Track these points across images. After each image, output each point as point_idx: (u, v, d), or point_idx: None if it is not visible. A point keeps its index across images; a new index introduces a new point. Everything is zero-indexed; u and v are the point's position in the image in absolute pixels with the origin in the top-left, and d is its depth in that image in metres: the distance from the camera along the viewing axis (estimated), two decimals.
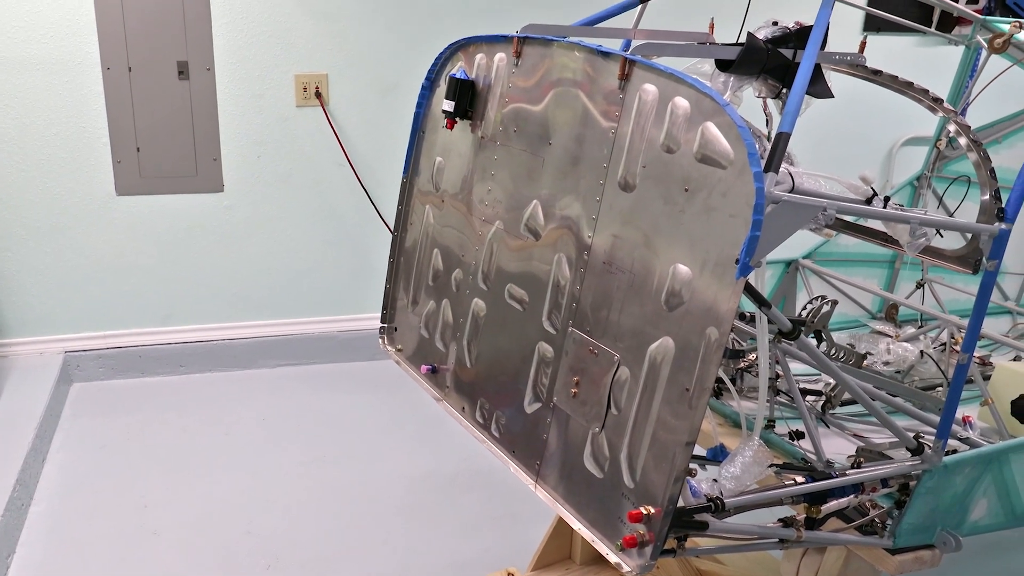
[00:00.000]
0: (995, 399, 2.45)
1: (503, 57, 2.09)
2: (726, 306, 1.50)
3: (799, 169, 1.76)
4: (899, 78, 2.11)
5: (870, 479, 1.91)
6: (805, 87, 1.62)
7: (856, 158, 4.93)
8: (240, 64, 4.01)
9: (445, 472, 3.50)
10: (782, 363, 2.04)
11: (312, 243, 4.36)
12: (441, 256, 2.31)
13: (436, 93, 2.33)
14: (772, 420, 2.34)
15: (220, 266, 4.26)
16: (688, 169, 1.59)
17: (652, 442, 1.62)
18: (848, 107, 3.37)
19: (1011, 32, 2.77)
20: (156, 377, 4.25)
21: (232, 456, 3.58)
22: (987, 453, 2.01)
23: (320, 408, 4.02)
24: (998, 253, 1.78)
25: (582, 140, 1.84)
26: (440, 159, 2.32)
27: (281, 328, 4.42)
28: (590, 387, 1.77)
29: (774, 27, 1.95)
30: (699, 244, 1.56)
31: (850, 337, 2.86)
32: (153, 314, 4.24)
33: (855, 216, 2.13)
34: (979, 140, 1.97)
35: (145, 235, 4.13)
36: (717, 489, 1.72)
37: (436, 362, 2.31)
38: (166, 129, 4.00)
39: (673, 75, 1.63)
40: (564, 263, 1.87)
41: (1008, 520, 2.14)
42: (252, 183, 4.19)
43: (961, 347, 1.88)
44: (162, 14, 3.85)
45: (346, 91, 4.19)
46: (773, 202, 1.50)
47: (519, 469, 1.96)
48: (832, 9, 1.74)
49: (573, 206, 1.85)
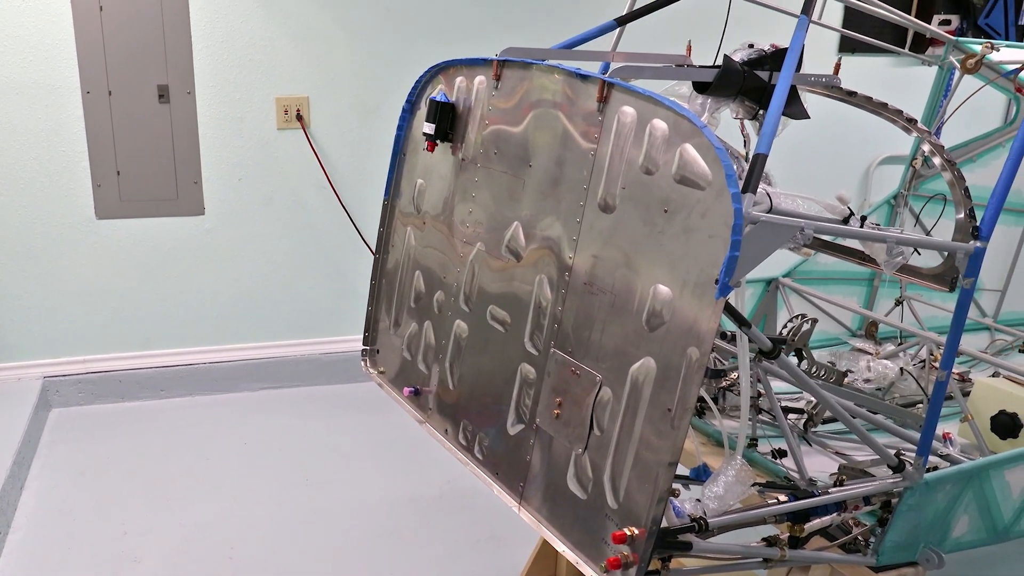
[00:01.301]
0: (975, 415, 2.47)
1: (483, 80, 2.10)
2: (706, 326, 1.50)
3: (777, 189, 1.77)
4: (873, 99, 2.14)
5: (852, 497, 1.92)
6: (781, 108, 1.65)
7: (834, 177, 4.98)
8: (221, 87, 4.02)
9: (429, 495, 3.48)
10: (764, 382, 2.05)
11: (294, 265, 4.34)
12: (423, 278, 2.31)
13: (417, 116, 2.34)
14: (755, 439, 2.34)
15: (201, 289, 4.24)
16: (667, 190, 1.60)
17: (635, 462, 1.62)
18: (825, 127, 3.41)
19: (982, 53, 2.82)
20: (136, 402, 4.22)
21: (213, 481, 3.55)
22: (967, 470, 2.03)
23: (302, 431, 3.99)
24: (974, 271, 1.80)
25: (562, 162, 1.85)
26: (421, 181, 2.32)
27: (263, 351, 4.39)
28: (573, 408, 1.77)
29: (750, 49, 1.98)
30: (679, 264, 1.57)
31: (831, 355, 2.88)
32: (133, 338, 4.21)
33: (833, 236, 2.15)
34: (953, 160, 2.00)
35: (125, 259, 4.10)
36: (700, 509, 1.72)
37: (418, 384, 2.30)
38: (146, 152, 3.99)
39: (651, 97, 1.64)
40: (545, 284, 1.87)
41: (990, 536, 2.15)
42: (233, 206, 4.18)
43: (939, 364, 1.90)
44: (142, 38, 3.85)
45: (327, 114, 4.19)
46: (751, 222, 1.52)
47: (502, 491, 1.96)
48: (807, 32, 1.76)
49: (554, 227, 1.86)
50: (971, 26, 4.95)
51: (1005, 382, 2.57)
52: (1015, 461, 2.08)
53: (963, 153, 3.33)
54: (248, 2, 3.95)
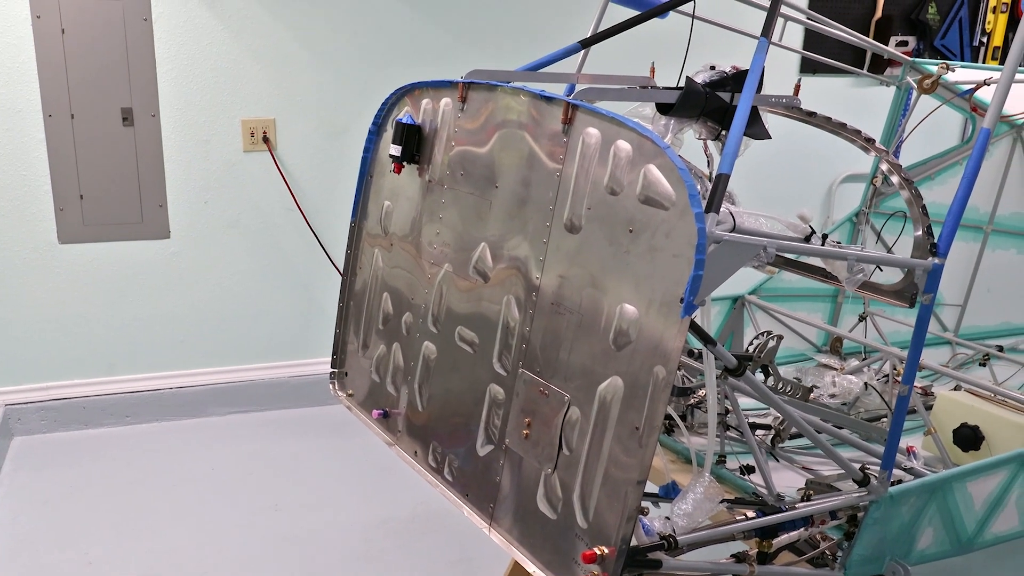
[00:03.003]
0: (938, 428, 2.51)
1: (449, 102, 2.11)
2: (672, 344, 1.52)
3: (740, 209, 1.80)
4: (833, 119, 2.18)
5: (819, 512, 1.94)
6: (743, 129, 1.67)
7: (797, 195, 5.05)
8: (186, 110, 4.00)
9: (400, 517, 3.46)
10: (731, 398, 2.07)
11: (261, 288, 4.31)
12: (391, 300, 2.30)
13: (383, 138, 2.34)
14: (723, 455, 2.36)
15: (167, 313, 4.19)
16: (632, 210, 1.62)
17: (604, 481, 1.63)
18: (789, 146, 3.47)
19: (939, 73, 2.90)
20: (101, 429, 4.15)
21: (181, 508, 3.50)
22: (931, 482, 2.06)
23: (272, 456, 3.95)
24: (933, 287, 1.84)
25: (528, 183, 1.86)
26: (388, 203, 2.32)
27: (230, 375, 4.35)
28: (541, 428, 1.77)
29: (712, 71, 2.01)
30: (644, 284, 1.58)
31: (796, 371, 2.91)
32: (98, 364, 4.15)
33: (795, 254, 2.19)
34: (910, 178, 2.04)
35: (89, 283, 4.05)
36: (670, 527, 1.73)
37: (388, 406, 2.30)
38: (110, 176, 3.95)
39: (615, 119, 1.66)
40: (513, 304, 1.88)
41: (954, 547, 2.18)
42: (199, 229, 4.15)
43: (902, 379, 1.93)
44: (105, 60, 3.82)
45: (294, 136, 4.19)
46: (715, 242, 1.54)
47: (473, 512, 1.95)
48: (767, 54, 1.80)
49: (521, 248, 1.87)
50: (928, 47, 5.07)
51: (967, 395, 2.61)
52: (977, 473, 2.11)
53: (922, 171, 3.40)
54: (213, 24, 3.94)
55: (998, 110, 1.81)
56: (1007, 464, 2.15)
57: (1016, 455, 2.16)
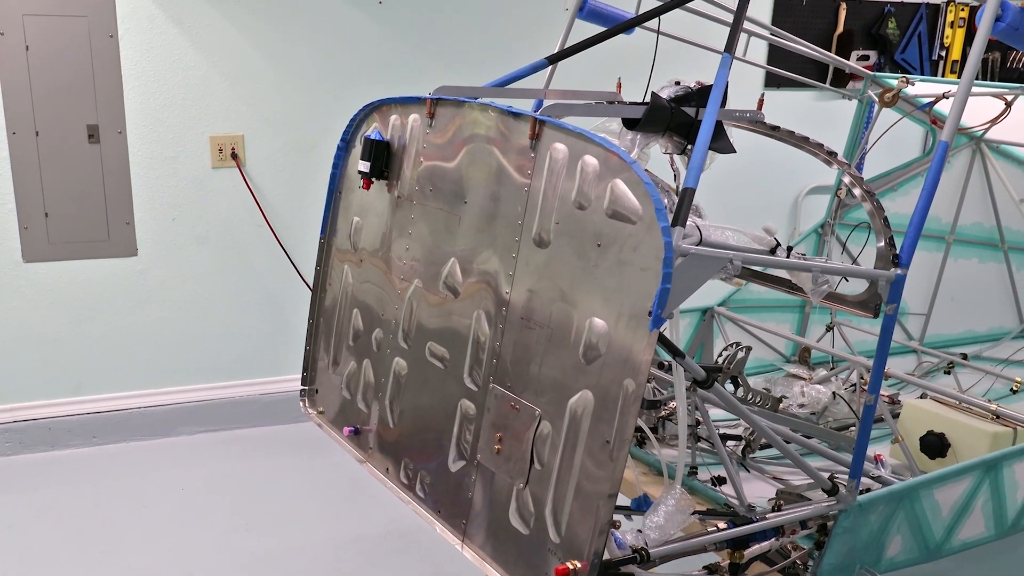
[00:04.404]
0: (904, 436, 2.54)
1: (417, 118, 2.12)
2: (641, 357, 1.53)
3: (706, 222, 1.82)
4: (795, 133, 2.22)
5: (789, 522, 1.96)
6: (708, 143, 1.69)
7: (764, 208, 5.11)
8: (153, 127, 3.96)
9: (372, 535, 3.43)
10: (701, 410, 2.09)
11: (230, 305, 4.28)
12: (361, 316, 2.30)
13: (352, 154, 2.34)
14: (694, 467, 2.38)
15: (134, 332, 4.14)
16: (600, 225, 1.63)
17: (576, 495, 1.63)
18: (755, 159, 3.50)
19: (899, 87, 2.95)
20: (67, 450, 4.08)
21: (150, 530, 3.44)
22: (899, 490, 2.08)
23: (242, 475, 3.91)
24: (896, 297, 1.86)
25: (497, 198, 1.87)
26: (357, 219, 2.32)
27: (199, 393, 4.30)
28: (513, 443, 1.77)
29: (677, 87, 2.04)
30: (613, 298, 1.59)
31: (766, 381, 2.94)
32: (63, 384, 4.09)
33: (761, 266, 2.21)
34: (872, 191, 2.07)
35: (54, 302, 3.99)
36: (642, 539, 1.73)
37: (358, 423, 2.28)
38: (76, 193, 3.91)
39: (582, 134, 1.68)
40: (483, 319, 1.88)
41: (923, 555, 2.20)
42: (167, 246, 4.11)
43: (868, 388, 1.95)
44: (71, 78, 3.79)
45: (263, 152, 4.17)
46: (681, 255, 1.55)
47: (445, 529, 1.95)
48: (730, 69, 1.82)
49: (490, 262, 1.88)
50: (888, 61, 5.17)
51: (932, 403, 2.65)
52: (943, 480, 2.14)
53: (885, 182, 3.45)
54: (181, 41, 3.92)
55: (955, 124, 1.84)
56: (972, 471, 2.18)
57: (980, 462, 2.20)
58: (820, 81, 4.63)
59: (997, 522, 2.28)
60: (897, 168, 3.48)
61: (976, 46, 1.84)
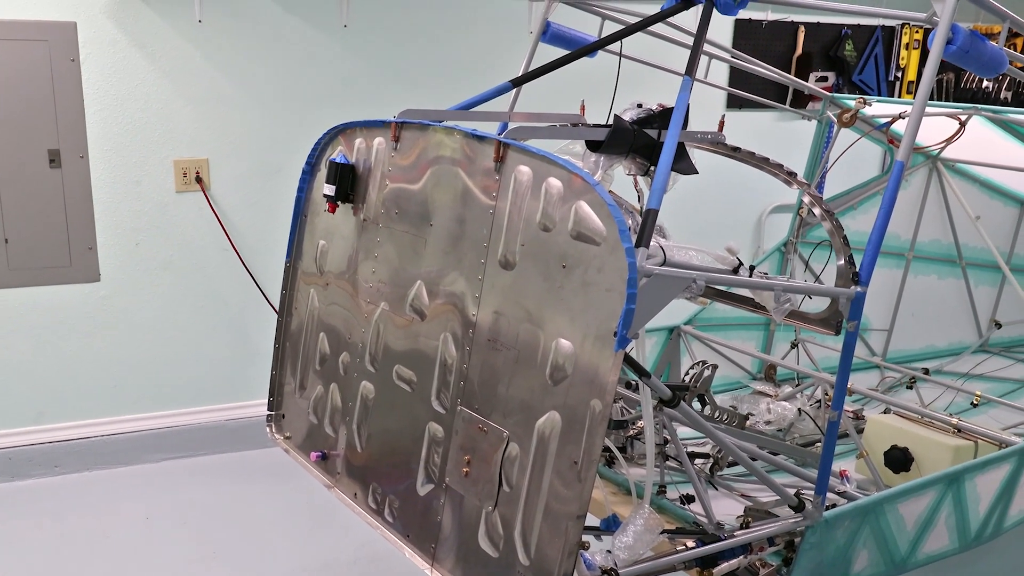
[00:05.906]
0: (869, 451, 2.57)
1: (382, 141, 2.12)
2: (608, 378, 1.54)
3: (670, 242, 1.84)
4: (756, 154, 2.25)
5: (757, 539, 1.97)
6: (670, 165, 1.71)
7: (729, 227, 5.17)
8: (116, 151, 3.93)
9: (342, 561, 3.40)
10: (669, 429, 2.10)
11: (196, 330, 4.23)
12: (327, 339, 2.28)
13: (317, 177, 2.34)
14: (663, 485, 2.38)
15: (97, 358, 4.08)
16: (564, 246, 1.64)
17: (544, 517, 1.63)
18: (718, 179, 3.54)
19: (857, 107, 3.01)
20: (29, 480, 4.00)
21: (114, 561, 3.38)
22: (864, 505, 2.10)
23: (209, 502, 3.85)
24: (856, 314, 1.89)
25: (463, 220, 1.88)
26: (323, 242, 2.31)
27: (164, 420, 4.24)
28: (481, 465, 1.77)
29: (639, 109, 2.06)
30: (579, 318, 1.60)
31: (732, 399, 2.96)
32: (25, 413, 4.01)
33: (724, 285, 2.23)
34: (831, 210, 2.11)
35: (15, 330, 3.93)
36: (611, 560, 1.73)
37: (326, 448, 2.27)
38: (37, 219, 3.85)
39: (545, 157, 1.69)
40: (450, 341, 1.88)
41: (889, 569, 2.22)
42: (131, 271, 4.06)
43: (831, 404, 1.97)
44: (31, 102, 3.74)
45: (228, 176, 4.14)
46: (646, 275, 1.57)
47: (415, 554, 1.93)
48: (691, 91, 1.85)
49: (457, 284, 1.88)
50: (846, 82, 5.27)
51: (896, 418, 2.69)
52: (907, 494, 2.16)
53: (845, 201, 3.51)
54: (143, 64, 3.90)
55: (910, 144, 1.88)
56: (935, 484, 2.21)
57: (943, 475, 2.23)
58: (780, 102, 4.72)
59: (960, 535, 2.31)
60: (856, 187, 3.55)
61: (928, 68, 1.88)
